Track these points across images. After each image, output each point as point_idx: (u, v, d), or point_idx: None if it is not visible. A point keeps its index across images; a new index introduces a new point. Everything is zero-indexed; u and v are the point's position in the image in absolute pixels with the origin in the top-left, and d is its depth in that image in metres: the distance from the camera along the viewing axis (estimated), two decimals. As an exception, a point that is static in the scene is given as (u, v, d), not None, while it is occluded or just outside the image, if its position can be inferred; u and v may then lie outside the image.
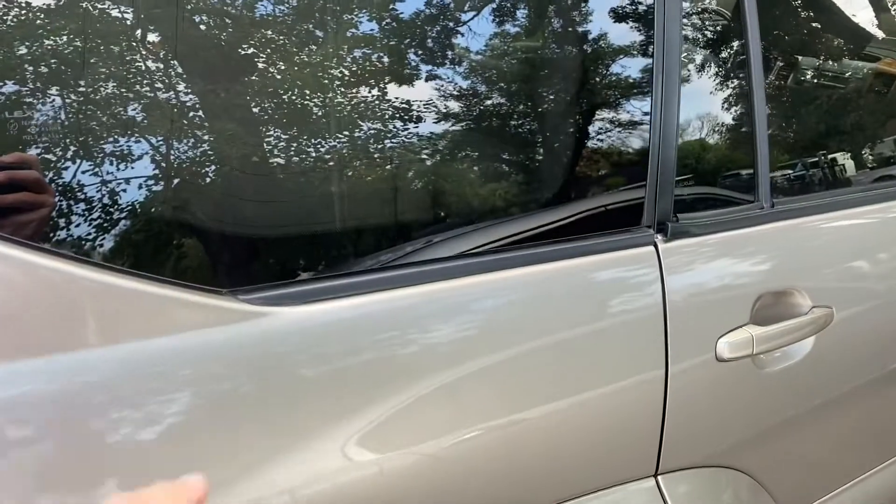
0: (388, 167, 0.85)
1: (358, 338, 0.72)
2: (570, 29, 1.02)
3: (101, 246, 0.65)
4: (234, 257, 0.75)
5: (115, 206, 0.68)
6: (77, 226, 0.65)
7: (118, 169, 0.67)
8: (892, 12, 1.75)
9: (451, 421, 0.78)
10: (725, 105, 1.14)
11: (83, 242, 0.65)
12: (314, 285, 0.71)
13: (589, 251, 0.89)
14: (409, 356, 0.75)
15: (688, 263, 0.98)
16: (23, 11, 0.66)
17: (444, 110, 0.89)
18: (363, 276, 0.75)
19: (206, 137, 0.73)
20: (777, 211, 1.11)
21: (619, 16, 1.00)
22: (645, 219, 0.97)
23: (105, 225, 0.66)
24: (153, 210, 0.70)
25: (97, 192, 0.67)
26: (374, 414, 0.72)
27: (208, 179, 0.73)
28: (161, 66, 0.73)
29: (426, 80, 0.88)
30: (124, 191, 0.68)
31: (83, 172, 0.67)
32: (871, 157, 1.61)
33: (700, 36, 1.12)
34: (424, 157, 0.88)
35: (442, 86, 0.89)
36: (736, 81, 1.13)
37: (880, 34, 1.66)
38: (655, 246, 0.95)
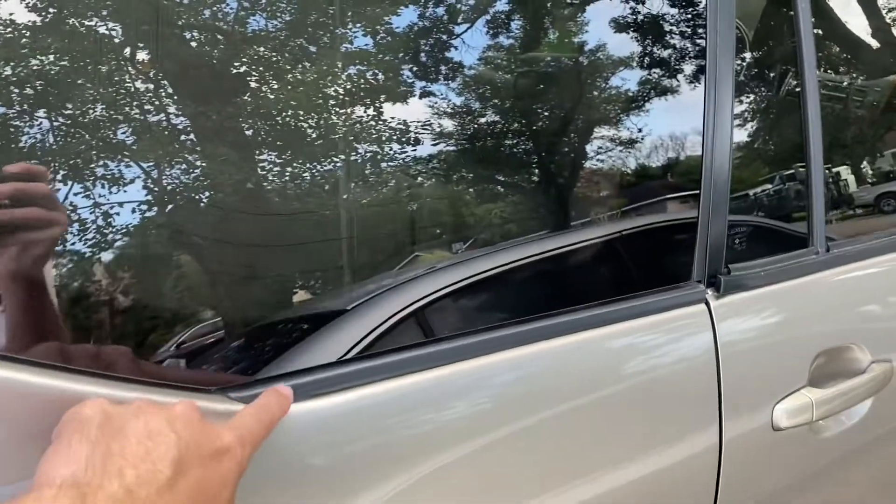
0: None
1: (381, 432, 0.60)
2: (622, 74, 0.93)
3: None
4: (221, 350, 0.64)
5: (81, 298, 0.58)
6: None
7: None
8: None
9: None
10: (777, 144, 1.04)
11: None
12: (316, 376, 0.60)
13: (635, 314, 0.78)
14: (444, 436, 0.64)
15: (742, 322, 0.87)
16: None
17: (460, 162, 0.80)
18: (379, 361, 0.64)
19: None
20: (833, 256, 1.00)
21: (673, 55, 0.90)
22: (695, 272, 0.86)
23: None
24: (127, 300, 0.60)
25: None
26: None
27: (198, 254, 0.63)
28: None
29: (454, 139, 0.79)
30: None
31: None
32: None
33: (753, 70, 1.02)
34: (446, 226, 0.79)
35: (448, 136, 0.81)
36: (790, 117, 1.02)
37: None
38: (707, 304, 0.84)
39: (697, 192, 0.88)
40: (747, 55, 1.12)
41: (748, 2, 1.37)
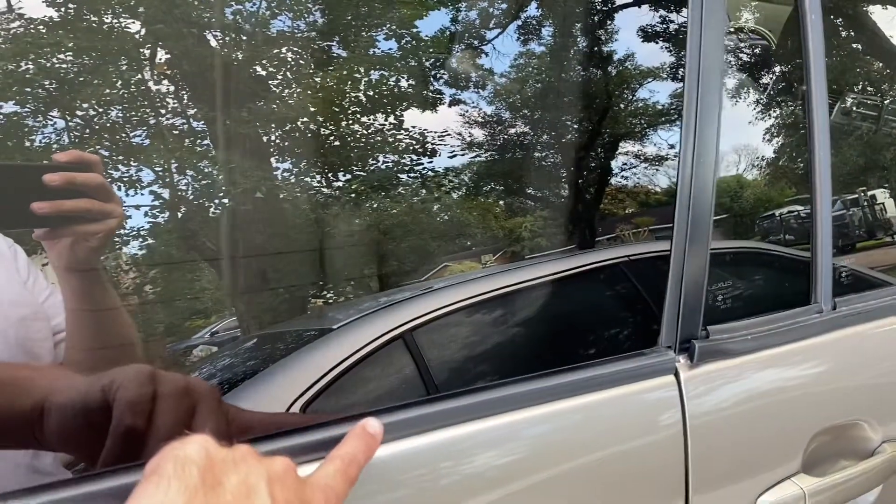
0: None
1: None
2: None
3: None
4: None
5: None
6: None
7: None
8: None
9: None
10: (778, 184, 0.89)
11: None
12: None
13: (586, 386, 0.65)
14: None
15: (720, 397, 0.72)
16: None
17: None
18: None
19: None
20: (841, 315, 0.85)
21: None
22: (664, 335, 0.72)
23: None
24: None
25: None
26: None
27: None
28: None
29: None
30: None
31: None
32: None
33: (748, 95, 0.87)
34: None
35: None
36: (797, 156, 0.87)
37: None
38: (676, 374, 0.70)
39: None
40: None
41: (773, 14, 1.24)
